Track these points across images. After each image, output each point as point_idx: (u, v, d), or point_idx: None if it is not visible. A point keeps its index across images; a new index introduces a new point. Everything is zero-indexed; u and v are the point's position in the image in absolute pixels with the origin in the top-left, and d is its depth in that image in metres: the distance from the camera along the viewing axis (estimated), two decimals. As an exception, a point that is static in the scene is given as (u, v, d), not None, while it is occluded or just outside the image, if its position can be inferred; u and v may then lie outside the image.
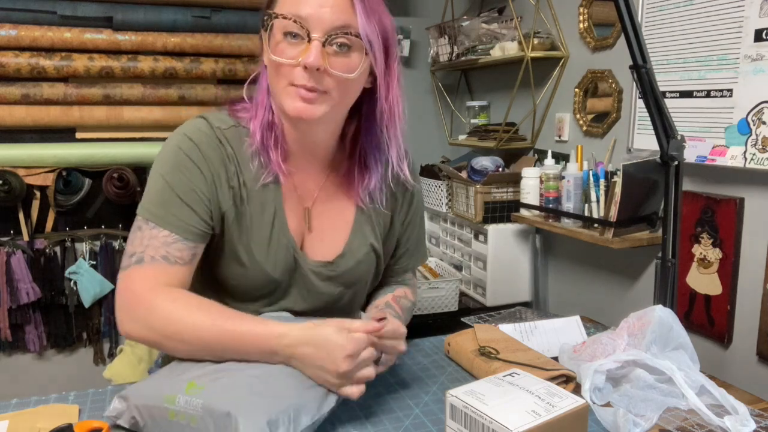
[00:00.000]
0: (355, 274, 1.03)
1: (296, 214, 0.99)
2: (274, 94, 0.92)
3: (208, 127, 0.94)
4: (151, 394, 0.81)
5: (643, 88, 1.08)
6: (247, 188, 0.94)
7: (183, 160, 0.91)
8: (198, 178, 0.91)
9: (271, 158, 0.94)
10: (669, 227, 1.10)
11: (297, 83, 0.87)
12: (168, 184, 0.90)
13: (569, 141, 2.06)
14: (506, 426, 0.68)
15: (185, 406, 0.77)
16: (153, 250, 0.88)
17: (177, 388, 0.79)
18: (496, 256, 2.12)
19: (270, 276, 0.96)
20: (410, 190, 1.11)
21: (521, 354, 1.01)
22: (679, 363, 0.94)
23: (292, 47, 0.86)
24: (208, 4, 2.39)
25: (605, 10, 1.89)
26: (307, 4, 0.85)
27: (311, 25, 0.85)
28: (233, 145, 0.94)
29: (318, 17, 0.84)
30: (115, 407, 0.83)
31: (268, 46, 0.89)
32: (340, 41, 0.86)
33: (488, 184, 2.10)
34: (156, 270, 0.87)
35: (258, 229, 0.95)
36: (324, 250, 1.01)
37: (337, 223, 1.03)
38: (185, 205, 0.90)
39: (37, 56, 2.22)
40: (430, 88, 2.85)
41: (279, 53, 0.87)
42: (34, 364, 2.46)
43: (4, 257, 2.28)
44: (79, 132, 2.37)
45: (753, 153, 1.40)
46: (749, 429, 0.82)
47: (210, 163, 0.92)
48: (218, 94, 2.46)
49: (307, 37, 0.85)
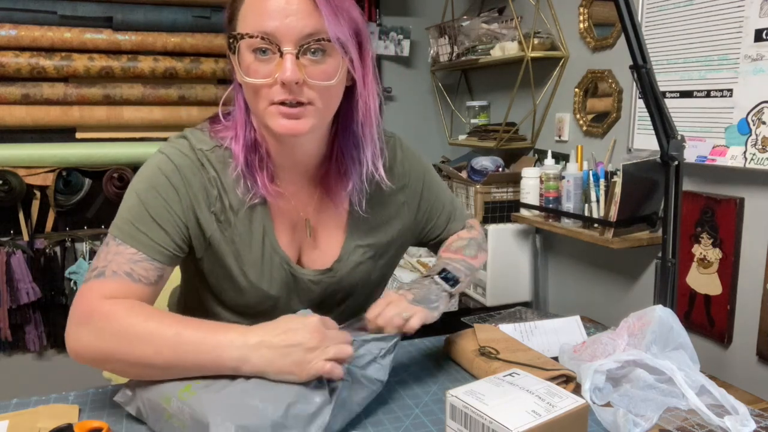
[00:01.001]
0: (355, 276, 1.02)
1: (288, 229, 0.97)
2: (257, 115, 0.88)
3: (190, 149, 0.91)
4: (153, 388, 0.81)
5: (643, 88, 1.08)
6: (233, 211, 0.92)
7: (161, 181, 0.88)
8: (174, 200, 0.88)
9: (257, 181, 0.91)
10: (669, 227, 1.10)
11: (277, 100, 0.83)
12: (141, 203, 0.87)
13: (569, 141, 2.06)
14: (506, 426, 0.68)
15: (177, 411, 0.76)
16: (116, 265, 0.84)
17: (174, 389, 0.79)
18: (496, 256, 2.12)
19: (267, 294, 0.95)
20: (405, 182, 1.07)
21: (521, 354, 1.01)
22: (679, 363, 0.94)
23: (265, 64, 0.82)
24: (208, 4, 2.39)
25: (605, 10, 1.89)
26: (271, 17, 0.80)
27: (280, 39, 0.80)
28: (216, 168, 0.91)
29: (285, 29, 0.80)
30: (125, 393, 0.84)
31: (239, 68, 0.84)
32: (314, 48, 0.82)
33: (488, 184, 2.10)
34: (117, 284, 0.83)
35: (248, 251, 0.93)
36: (322, 259, 0.99)
37: (331, 229, 1.00)
38: (157, 225, 0.86)
39: (37, 56, 2.22)
40: (430, 88, 2.85)
41: (252, 74, 0.83)
42: (34, 364, 2.46)
43: (4, 257, 2.29)
44: (79, 132, 2.37)
45: (753, 153, 1.40)
46: (749, 429, 0.82)
47: (189, 187, 0.89)
48: (218, 94, 2.46)
49: (278, 51, 0.80)
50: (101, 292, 0.82)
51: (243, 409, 0.74)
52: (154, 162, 0.90)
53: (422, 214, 1.11)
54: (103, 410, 0.88)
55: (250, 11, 0.83)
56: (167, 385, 0.80)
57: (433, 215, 1.13)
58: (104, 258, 0.85)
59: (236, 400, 0.75)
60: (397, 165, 1.06)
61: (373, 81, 0.90)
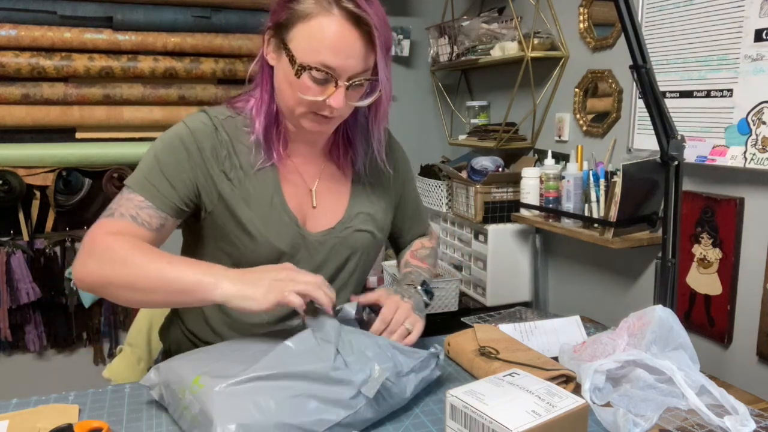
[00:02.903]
0: (359, 238, 1.10)
1: (297, 194, 1.06)
2: (290, 110, 0.99)
3: (207, 117, 1.02)
4: (174, 376, 0.83)
5: (643, 88, 1.08)
6: (243, 171, 1.02)
7: (176, 143, 0.99)
8: (184, 160, 0.98)
9: (272, 148, 1.02)
10: (669, 227, 1.10)
11: (319, 113, 0.96)
12: (156, 160, 0.98)
13: (569, 141, 2.06)
14: (506, 426, 0.68)
15: (189, 404, 0.78)
16: (124, 209, 0.95)
17: (188, 380, 0.80)
18: (496, 256, 2.12)
19: (276, 247, 1.02)
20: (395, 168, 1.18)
21: (521, 354, 1.01)
22: (679, 363, 0.94)
23: (318, 84, 0.93)
24: (208, 4, 2.39)
25: (605, 10, 1.89)
26: (336, 54, 0.91)
27: (338, 74, 0.92)
28: (229, 132, 1.02)
29: (345, 67, 0.92)
30: (150, 378, 0.86)
31: (286, 68, 0.94)
32: (361, 80, 0.95)
33: (488, 184, 2.10)
34: (122, 224, 0.94)
35: (258, 206, 1.02)
36: (326, 221, 1.08)
37: (336, 197, 1.10)
38: (166, 179, 0.97)
39: (37, 56, 2.22)
40: (430, 88, 2.85)
41: (306, 91, 0.94)
42: (34, 364, 2.46)
43: (4, 257, 2.29)
44: (79, 132, 2.37)
45: (753, 153, 1.40)
46: (749, 429, 0.82)
47: (202, 150, 0.99)
48: (218, 94, 2.46)
49: (334, 82, 0.93)
50: (107, 229, 0.93)
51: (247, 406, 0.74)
52: (173, 129, 1.02)
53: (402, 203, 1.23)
54: (103, 410, 0.88)
55: (315, 36, 0.91)
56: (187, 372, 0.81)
57: (408, 210, 1.26)
58: (116, 202, 0.97)
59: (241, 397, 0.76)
60: (391, 153, 1.18)
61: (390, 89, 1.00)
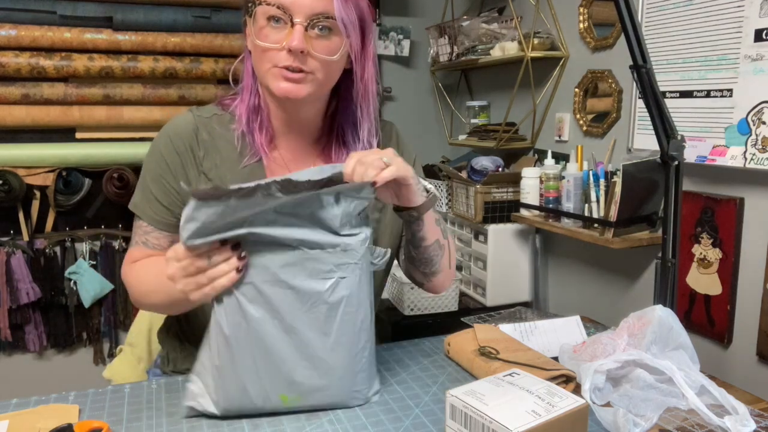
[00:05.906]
0: None
1: None
2: (260, 76, 0.97)
3: (191, 117, 1.02)
4: (244, 402, 0.85)
5: (643, 88, 1.08)
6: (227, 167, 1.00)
7: (156, 156, 1.00)
8: (165, 171, 0.99)
9: (255, 140, 1.01)
10: (669, 227, 1.10)
11: (281, 65, 0.92)
12: (144, 180, 1.01)
13: (569, 141, 2.06)
14: (506, 426, 0.68)
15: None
16: (137, 236, 1.02)
17: (273, 400, 0.85)
18: (496, 256, 2.12)
19: None
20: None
21: (521, 354, 1.01)
22: (679, 363, 0.94)
23: (276, 31, 0.92)
24: (208, 4, 2.39)
25: (605, 10, 1.89)
26: None
27: (293, 11, 0.90)
28: (210, 131, 1.01)
29: (300, 4, 0.90)
30: (194, 395, 0.87)
31: (252, 31, 0.94)
32: (321, 25, 0.92)
33: (488, 184, 2.10)
34: (138, 252, 1.01)
35: None
36: None
37: None
38: (156, 200, 0.99)
39: (37, 56, 2.22)
40: (430, 88, 2.85)
41: (263, 38, 0.92)
42: (34, 364, 2.46)
43: (4, 257, 2.28)
44: (79, 132, 2.37)
45: (753, 153, 1.40)
46: (749, 429, 0.82)
47: (181, 155, 0.99)
48: (218, 94, 2.46)
49: (290, 21, 0.90)
50: (128, 260, 1.02)
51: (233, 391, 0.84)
52: (155, 139, 1.02)
53: None
54: (103, 410, 0.88)
55: None
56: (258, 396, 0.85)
57: None
58: (133, 230, 1.03)
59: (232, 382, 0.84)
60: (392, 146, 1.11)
61: (372, 66, 1.00)
